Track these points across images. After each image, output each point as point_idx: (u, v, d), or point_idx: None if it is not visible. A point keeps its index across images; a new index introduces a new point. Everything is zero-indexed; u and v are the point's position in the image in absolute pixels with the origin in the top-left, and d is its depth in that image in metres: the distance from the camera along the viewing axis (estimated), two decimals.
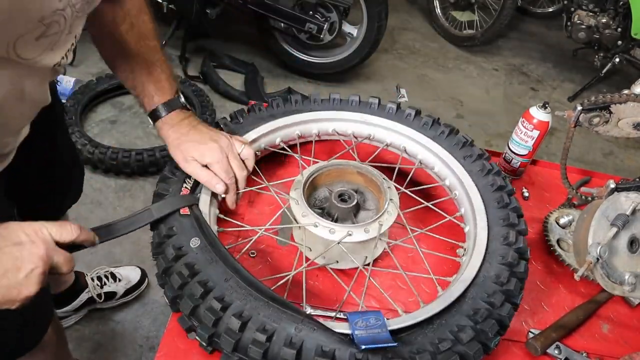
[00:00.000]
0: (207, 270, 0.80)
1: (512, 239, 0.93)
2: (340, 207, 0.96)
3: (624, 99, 1.07)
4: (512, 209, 0.99)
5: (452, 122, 3.10)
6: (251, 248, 0.99)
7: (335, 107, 1.18)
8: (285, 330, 0.74)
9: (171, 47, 3.11)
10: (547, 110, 1.21)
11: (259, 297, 0.77)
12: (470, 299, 0.83)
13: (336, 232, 0.90)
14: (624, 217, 0.94)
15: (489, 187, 1.02)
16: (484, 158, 1.08)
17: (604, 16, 3.20)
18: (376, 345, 0.71)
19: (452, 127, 1.14)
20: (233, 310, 0.75)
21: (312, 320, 0.75)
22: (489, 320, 0.81)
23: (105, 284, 1.81)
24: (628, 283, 0.93)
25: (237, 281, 0.79)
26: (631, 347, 0.98)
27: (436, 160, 1.11)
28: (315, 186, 1.03)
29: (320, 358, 0.71)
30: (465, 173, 1.05)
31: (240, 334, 0.74)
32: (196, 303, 0.77)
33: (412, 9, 4.28)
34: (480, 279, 0.87)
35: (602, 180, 1.32)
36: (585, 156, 3.11)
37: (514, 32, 4.22)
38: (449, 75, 3.62)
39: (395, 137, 1.16)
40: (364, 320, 0.74)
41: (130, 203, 2.28)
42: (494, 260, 0.90)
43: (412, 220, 1.06)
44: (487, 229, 0.95)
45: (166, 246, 0.85)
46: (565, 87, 3.70)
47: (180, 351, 0.83)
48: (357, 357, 0.72)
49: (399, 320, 0.78)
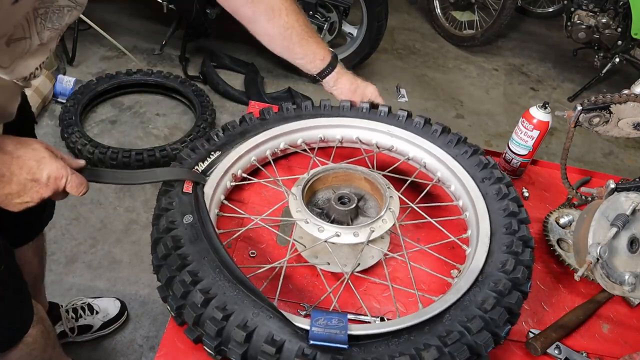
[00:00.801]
0: (189, 246, 0.84)
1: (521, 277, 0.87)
2: (338, 209, 0.96)
3: (624, 99, 1.07)
4: (520, 237, 0.93)
5: (452, 122, 3.14)
6: (248, 239, 1.01)
7: (362, 116, 1.18)
8: (243, 312, 0.75)
9: (171, 47, 3.11)
10: (547, 110, 1.21)
11: (229, 279, 0.80)
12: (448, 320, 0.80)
13: (325, 230, 0.91)
14: (624, 217, 0.94)
15: (500, 212, 0.98)
16: (504, 182, 1.03)
17: (604, 16, 3.20)
18: (325, 344, 0.72)
19: (476, 148, 1.11)
20: (202, 285, 0.78)
21: (274, 309, 0.76)
22: (498, 309, 0.81)
23: (81, 317, 1.71)
24: (628, 283, 0.93)
25: (213, 260, 0.82)
26: (631, 347, 0.98)
27: (453, 179, 1.08)
28: (321, 187, 1.05)
29: (267, 345, 0.72)
30: (480, 196, 1.02)
31: (203, 309, 0.76)
32: (173, 274, 0.81)
33: (412, 9, 4.28)
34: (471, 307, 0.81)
35: (602, 180, 1.32)
36: (585, 156, 3.11)
37: (514, 32, 4.22)
38: (449, 75, 3.62)
39: (417, 152, 1.14)
40: (326, 320, 0.75)
41: (130, 203, 2.28)
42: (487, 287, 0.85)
43: (414, 234, 1.08)
44: (486, 253, 0.91)
45: (162, 218, 0.89)
46: (565, 87, 3.70)
47: (180, 351, 0.83)
48: (305, 352, 0.72)
49: (366, 327, 0.77)
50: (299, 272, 0.99)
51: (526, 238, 0.93)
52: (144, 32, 3.29)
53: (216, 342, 0.75)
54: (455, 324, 0.78)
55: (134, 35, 3.28)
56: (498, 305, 0.81)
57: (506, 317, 0.80)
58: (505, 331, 0.81)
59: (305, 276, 0.99)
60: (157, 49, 3.05)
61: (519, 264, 0.87)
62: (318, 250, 0.99)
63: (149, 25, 3.32)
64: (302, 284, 0.97)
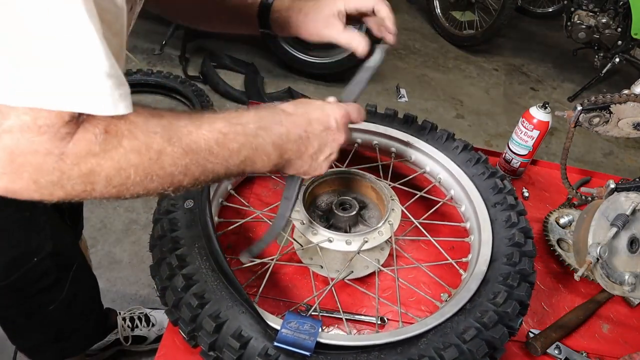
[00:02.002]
0: (183, 230, 0.85)
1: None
2: (338, 214, 0.96)
3: (624, 99, 1.07)
4: (520, 270, 0.89)
5: (452, 122, 3.14)
6: (249, 232, 1.02)
7: (384, 122, 1.15)
8: (218, 303, 0.76)
9: (171, 47, 3.11)
10: (547, 110, 1.21)
11: (214, 268, 0.80)
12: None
13: (318, 234, 0.90)
14: (624, 217, 0.94)
15: (505, 241, 0.94)
16: (516, 210, 0.99)
17: (604, 16, 3.20)
18: (289, 348, 0.72)
19: (494, 170, 1.06)
20: (186, 271, 0.79)
21: (249, 305, 0.76)
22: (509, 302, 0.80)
23: (137, 327, 1.65)
24: (628, 283, 0.93)
25: (203, 247, 0.83)
26: (631, 347, 0.98)
27: (465, 199, 1.06)
28: (327, 190, 1.04)
29: (233, 339, 0.72)
30: (488, 220, 0.98)
31: (183, 294, 0.77)
32: (163, 256, 0.82)
33: (412, 9, 4.28)
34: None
35: (602, 180, 1.32)
36: (585, 156, 3.11)
37: (514, 32, 4.22)
38: (449, 75, 3.62)
39: (434, 166, 1.12)
40: (299, 324, 0.75)
41: (130, 203, 2.27)
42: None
43: (416, 251, 1.06)
44: (481, 281, 0.87)
45: (164, 201, 0.91)
46: (565, 87, 3.70)
47: (180, 351, 0.83)
48: (269, 352, 0.72)
49: (337, 337, 0.76)
50: (290, 272, 0.99)
51: (527, 272, 0.88)
52: (143, 32, 3.29)
53: (190, 327, 0.76)
54: (429, 350, 0.74)
55: (134, 35, 3.28)
56: (478, 337, 0.76)
57: (485, 350, 0.76)
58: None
59: (295, 276, 0.98)
60: (157, 49, 3.05)
61: (511, 298, 0.82)
62: (313, 252, 0.99)
63: (149, 25, 3.32)
64: (290, 284, 0.97)
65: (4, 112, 0.48)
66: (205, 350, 0.74)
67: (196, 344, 0.78)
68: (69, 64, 0.49)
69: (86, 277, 1.28)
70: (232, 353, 0.72)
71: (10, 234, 0.98)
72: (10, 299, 1.09)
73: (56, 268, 1.09)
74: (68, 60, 0.49)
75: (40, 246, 1.04)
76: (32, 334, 1.20)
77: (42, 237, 1.04)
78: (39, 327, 1.18)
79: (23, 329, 1.20)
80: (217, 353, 0.74)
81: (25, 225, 1.00)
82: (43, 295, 1.11)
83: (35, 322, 1.17)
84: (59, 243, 1.08)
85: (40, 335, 1.22)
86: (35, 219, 1.02)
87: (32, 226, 1.01)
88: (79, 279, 1.19)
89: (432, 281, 0.98)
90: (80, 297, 1.23)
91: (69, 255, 1.16)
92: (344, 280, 0.95)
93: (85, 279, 1.28)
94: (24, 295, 1.08)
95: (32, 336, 1.21)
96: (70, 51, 0.49)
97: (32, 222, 1.01)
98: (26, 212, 0.98)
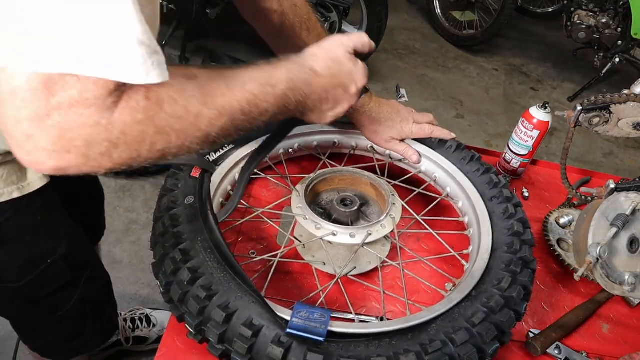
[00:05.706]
0: (186, 225, 0.85)
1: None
2: (340, 210, 0.96)
3: (624, 99, 1.07)
4: (521, 257, 0.90)
5: (452, 122, 3.14)
6: (250, 232, 1.02)
7: None
8: (226, 294, 0.76)
9: (171, 47, 3.10)
10: (547, 110, 1.21)
11: (219, 260, 0.80)
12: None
13: (322, 228, 0.91)
14: (624, 217, 0.94)
15: (505, 231, 0.96)
16: (512, 203, 1.01)
17: (604, 16, 3.20)
18: (301, 334, 0.71)
19: (488, 167, 1.08)
20: (191, 264, 0.79)
21: (258, 295, 0.76)
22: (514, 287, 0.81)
23: (138, 328, 1.67)
24: (628, 283, 0.93)
25: (207, 241, 0.83)
26: (631, 347, 0.98)
27: (462, 196, 1.08)
28: (327, 188, 1.05)
29: (245, 328, 0.72)
30: (487, 213, 1.00)
31: (189, 287, 0.77)
32: (166, 251, 0.82)
33: (412, 9, 4.29)
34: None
35: (602, 180, 1.32)
36: (585, 156, 3.11)
37: (514, 32, 4.22)
38: (449, 75, 3.62)
39: (429, 165, 1.14)
40: (309, 313, 0.75)
41: (130, 203, 2.28)
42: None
43: (417, 245, 1.07)
44: (484, 269, 0.89)
45: (165, 198, 0.92)
46: (565, 87, 3.70)
47: (180, 351, 0.83)
48: (282, 339, 0.72)
49: (348, 326, 0.77)
50: (293, 269, 0.99)
51: (528, 259, 0.90)
52: None
53: (197, 320, 0.75)
54: (439, 334, 0.76)
55: None
56: (487, 321, 0.78)
57: (494, 334, 0.78)
58: (493, 349, 0.78)
59: (299, 273, 0.99)
60: None
61: (515, 283, 0.84)
62: (315, 250, 1.00)
63: None
64: (294, 281, 0.97)
65: (51, 89, 0.48)
66: (214, 342, 0.74)
67: (203, 339, 0.77)
68: (102, 28, 0.49)
69: (100, 275, 1.28)
70: (244, 342, 0.71)
71: (23, 238, 0.98)
72: (25, 301, 1.08)
73: (70, 269, 1.08)
74: (101, 24, 0.48)
75: (54, 248, 1.03)
76: (47, 333, 1.20)
77: (55, 239, 1.04)
78: (54, 326, 1.18)
79: (37, 329, 1.20)
80: (227, 345, 0.74)
81: (38, 229, 0.99)
82: (57, 296, 1.11)
83: (50, 322, 1.17)
84: (72, 244, 1.08)
85: (55, 334, 1.21)
86: (49, 222, 1.02)
87: (45, 229, 1.01)
88: (93, 278, 1.19)
89: (436, 273, 1.00)
90: (95, 296, 1.23)
91: (83, 255, 1.16)
92: (347, 276, 0.95)
93: (99, 277, 1.27)
94: (38, 297, 1.08)
95: (47, 336, 1.21)
96: (103, 15, 0.48)
97: (46, 225, 1.01)
98: (38, 217, 0.98)
